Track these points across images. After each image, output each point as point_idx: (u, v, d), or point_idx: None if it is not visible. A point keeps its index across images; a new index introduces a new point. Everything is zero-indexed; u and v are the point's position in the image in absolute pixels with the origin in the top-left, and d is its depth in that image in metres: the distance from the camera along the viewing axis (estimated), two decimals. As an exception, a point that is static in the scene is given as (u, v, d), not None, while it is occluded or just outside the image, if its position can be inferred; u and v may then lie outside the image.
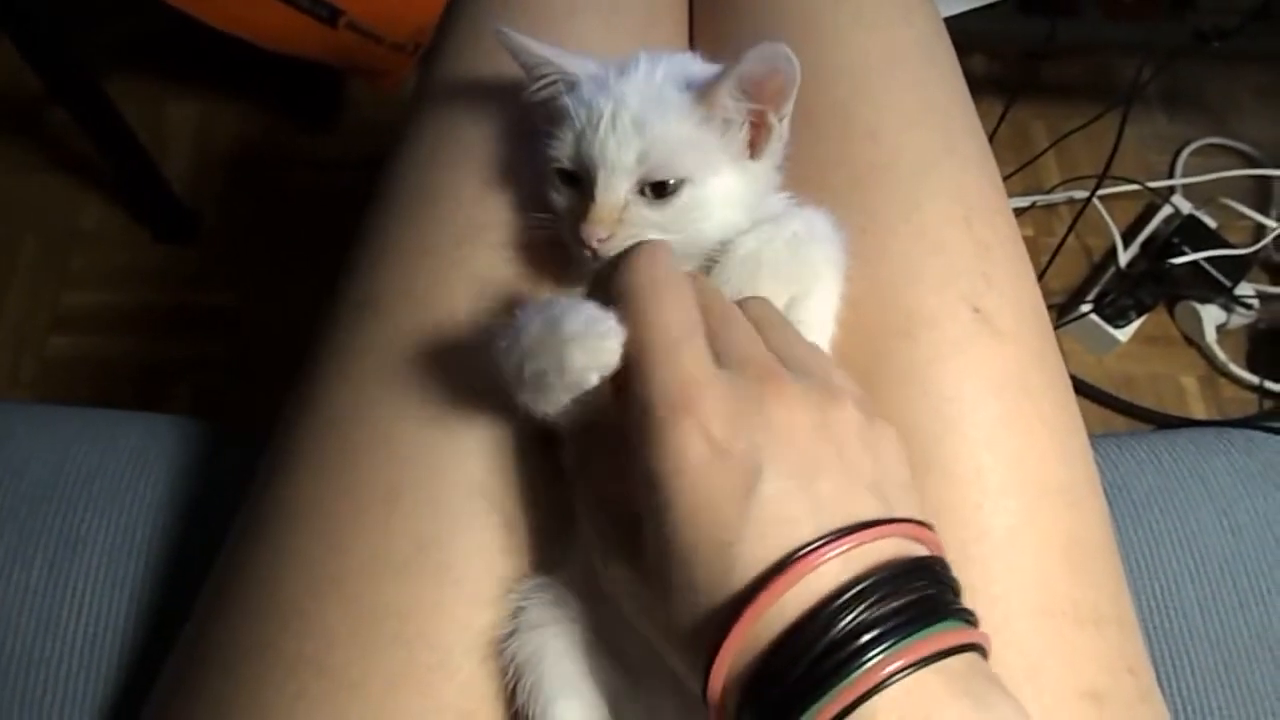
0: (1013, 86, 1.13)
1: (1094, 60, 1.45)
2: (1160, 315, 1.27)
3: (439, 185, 0.45)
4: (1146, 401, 1.21)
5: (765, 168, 0.41)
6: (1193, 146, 1.40)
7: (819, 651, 0.26)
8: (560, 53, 0.41)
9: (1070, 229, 1.11)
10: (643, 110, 0.38)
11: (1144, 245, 1.30)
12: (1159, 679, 0.45)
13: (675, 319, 0.32)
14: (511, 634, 0.37)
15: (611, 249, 0.38)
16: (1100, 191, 1.15)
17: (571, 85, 0.40)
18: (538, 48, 0.40)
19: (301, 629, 0.38)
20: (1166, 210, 1.32)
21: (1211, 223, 1.29)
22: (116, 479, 0.52)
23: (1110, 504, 0.45)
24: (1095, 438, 0.49)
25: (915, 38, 0.50)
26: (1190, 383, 1.25)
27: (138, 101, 1.24)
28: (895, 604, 0.27)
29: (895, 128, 0.46)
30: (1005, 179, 0.49)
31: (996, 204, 0.47)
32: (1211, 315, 1.24)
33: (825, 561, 0.28)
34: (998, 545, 0.39)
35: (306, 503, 0.40)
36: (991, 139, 0.50)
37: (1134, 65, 1.00)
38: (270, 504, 0.42)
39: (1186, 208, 1.31)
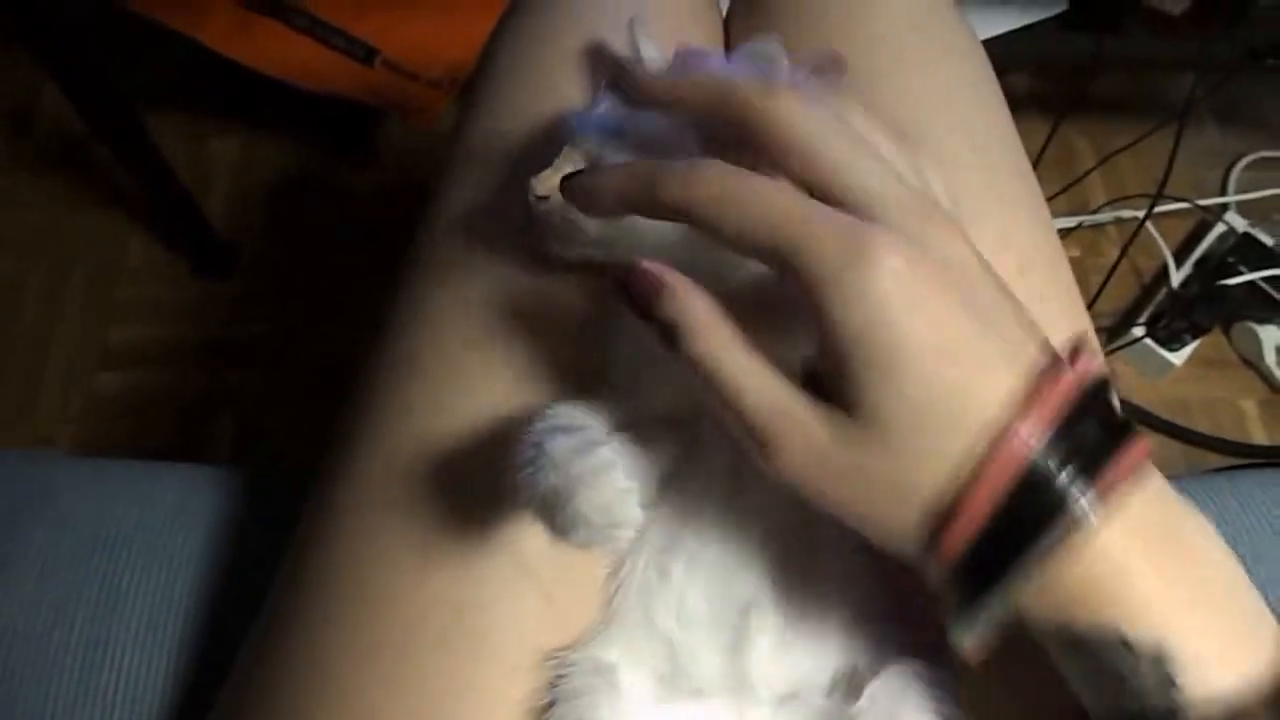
0: (1058, 105, 1.10)
1: (1140, 76, 1.41)
2: (1216, 337, 1.23)
3: (471, 237, 0.44)
4: (1203, 427, 1.17)
5: None
6: (1245, 161, 1.36)
7: (1055, 493, 0.26)
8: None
9: (1123, 253, 1.07)
10: (638, 121, 0.38)
11: (1197, 265, 1.26)
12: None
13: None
14: (552, 704, 0.36)
15: (544, 211, 0.38)
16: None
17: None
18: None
19: (338, 701, 0.37)
20: (1220, 228, 1.28)
21: (1268, 240, 1.24)
22: (156, 534, 0.52)
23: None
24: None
25: (958, 77, 0.48)
26: (1250, 406, 1.21)
27: (179, 137, 1.26)
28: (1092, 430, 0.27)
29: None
30: (1050, 199, 0.47)
31: (1050, 250, 0.45)
32: (1271, 336, 1.19)
33: (1059, 401, 0.27)
34: None
35: (343, 569, 0.40)
36: (1037, 162, 0.48)
37: (1182, 81, 0.97)
38: (308, 568, 0.41)
39: (1241, 225, 1.26)
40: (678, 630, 0.37)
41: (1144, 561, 0.27)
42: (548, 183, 0.38)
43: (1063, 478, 0.26)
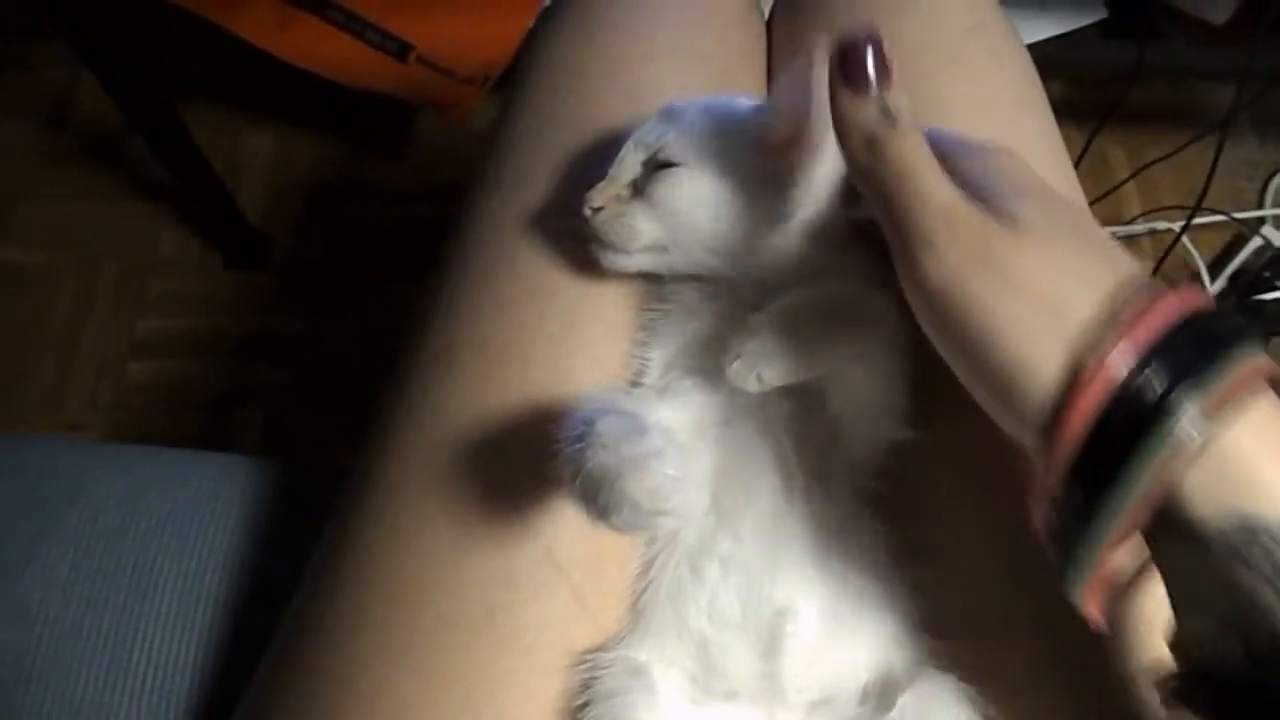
0: (1095, 114, 1.09)
1: (1176, 86, 1.39)
2: (1250, 353, 1.21)
3: (513, 238, 0.44)
4: (1235, 444, 1.15)
5: (785, 234, 0.37)
6: (1284, 174, 1.34)
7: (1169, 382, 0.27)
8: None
9: (1158, 266, 1.06)
10: (700, 117, 0.38)
11: (1232, 279, 1.24)
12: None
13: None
14: (587, 704, 0.36)
15: (599, 221, 0.38)
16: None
17: None
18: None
19: (370, 693, 0.37)
20: (1256, 242, 1.25)
21: (1305, 255, 1.23)
22: (187, 522, 0.52)
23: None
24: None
25: (1006, 83, 0.48)
26: (1283, 424, 1.18)
27: (214, 131, 1.27)
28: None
29: None
30: (1086, 208, 0.47)
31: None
32: (1306, 353, 1.17)
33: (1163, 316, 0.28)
34: None
35: (377, 563, 0.40)
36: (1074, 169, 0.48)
37: (1219, 92, 0.95)
38: (341, 562, 0.41)
39: (1278, 239, 1.24)
40: (709, 630, 0.37)
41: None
42: (604, 194, 0.38)
43: (1155, 391, 0.27)
